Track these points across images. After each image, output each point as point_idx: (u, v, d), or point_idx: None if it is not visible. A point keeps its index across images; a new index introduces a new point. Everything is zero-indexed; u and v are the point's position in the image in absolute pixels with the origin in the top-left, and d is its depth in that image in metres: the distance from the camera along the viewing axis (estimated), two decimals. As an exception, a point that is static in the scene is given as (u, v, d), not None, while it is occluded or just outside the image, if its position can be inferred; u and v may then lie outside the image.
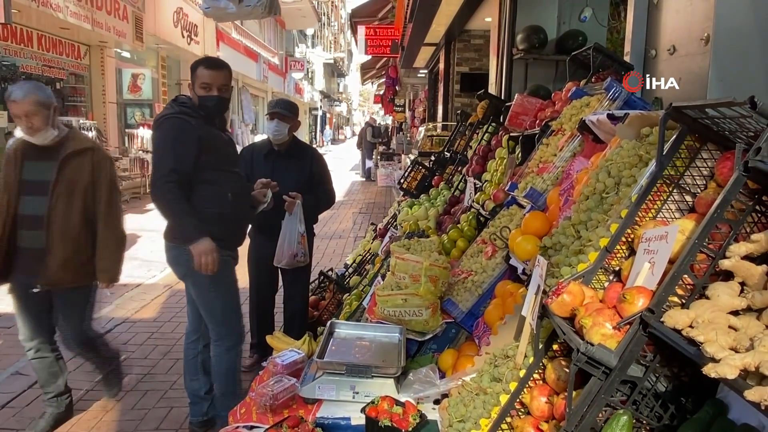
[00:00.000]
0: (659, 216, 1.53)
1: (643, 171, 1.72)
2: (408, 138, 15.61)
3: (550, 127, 2.97)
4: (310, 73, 35.15)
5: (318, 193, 3.84)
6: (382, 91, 24.45)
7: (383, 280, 3.24)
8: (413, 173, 5.96)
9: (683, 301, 1.22)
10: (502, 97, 5.09)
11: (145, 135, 12.22)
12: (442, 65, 10.83)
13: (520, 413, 1.74)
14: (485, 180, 3.91)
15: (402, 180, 6.10)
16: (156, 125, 2.88)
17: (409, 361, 2.69)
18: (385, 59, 18.65)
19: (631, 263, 1.46)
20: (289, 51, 29.67)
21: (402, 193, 6.26)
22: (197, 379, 3.09)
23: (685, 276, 1.22)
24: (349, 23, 20.06)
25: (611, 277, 1.57)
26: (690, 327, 1.09)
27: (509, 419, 1.74)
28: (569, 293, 1.45)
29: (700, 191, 1.49)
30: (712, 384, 1.26)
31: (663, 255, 1.32)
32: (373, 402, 2.20)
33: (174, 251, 2.77)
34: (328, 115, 47.93)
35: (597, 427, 1.32)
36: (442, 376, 2.52)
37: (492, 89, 5.70)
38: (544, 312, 1.59)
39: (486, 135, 4.52)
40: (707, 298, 1.16)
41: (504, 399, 1.77)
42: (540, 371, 1.71)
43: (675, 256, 1.30)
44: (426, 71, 15.12)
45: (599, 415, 1.32)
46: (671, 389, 1.31)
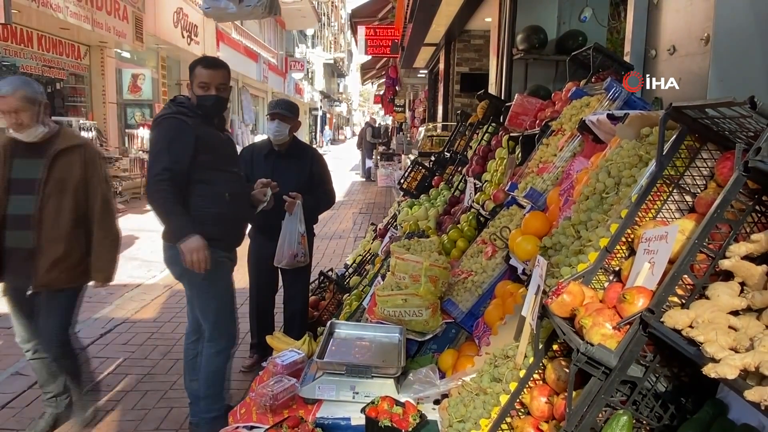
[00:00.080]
0: (659, 216, 1.53)
1: (643, 171, 1.72)
2: (408, 138, 15.60)
3: (550, 127, 2.97)
4: (310, 74, 35.15)
5: (318, 194, 3.84)
6: (382, 92, 24.45)
7: (383, 280, 3.24)
8: (413, 173, 5.96)
9: (683, 301, 1.22)
10: (502, 98, 5.09)
11: (145, 135, 12.20)
12: (442, 65, 10.83)
13: (520, 413, 1.74)
14: (485, 180, 3.91)
15: (402, 180, 6.10)
16: (153, 125, 2.90)
17: (409, 362, 2.69)
18: (385, 59, 18.65)
19: (631, 263, 1.46)
20: (289, 51, 29.67)
21: (402, 194, 6.26)
22: (197, 380, 3.08)
23: (685, 276, 1.22)
24: (349, 23, 20.06)
25: (611, 278, 1.57)
26: (690, 327, 1.09)
27: (509, 419, 1.74)
28: (569, 293, 1.45)
29: (700, 191, 1.49)
30: (712, 384, 1.26)
31: (663, 255, 1.32)
32: (373, 402, 2.20)
33: (171, 251, 2.77)
34: (328, 116, 47.94)
35: (597, 428, 1.32)
36: (442, 376, 2.52)
37: (492, 89, 5.70)
38: (544, 312, 1.59)
39: (486, 135, 4.52)
40: (707, 298, 1.16)
41: (504, 399, 1.77)
42: (540, 371, 1.71)
43: (675, 256, 1.30)
44: (426, 71, 15.11)
45: (599, 416, 1.32)
46: (671, 389, 1.31)
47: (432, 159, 6.41)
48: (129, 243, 7.83)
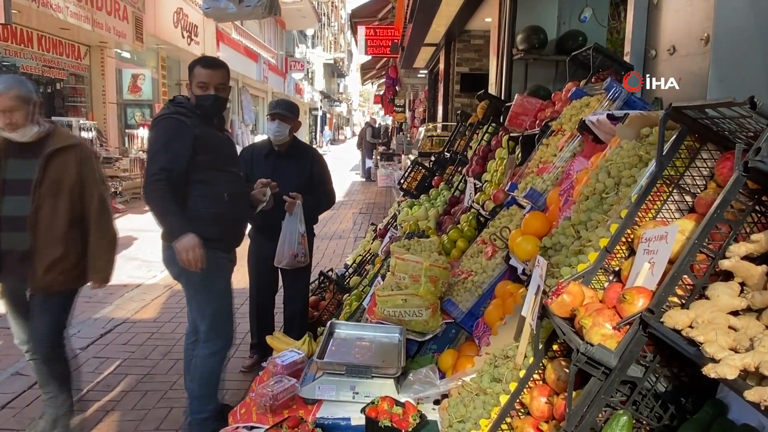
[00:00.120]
0: (659, 216, 1.53)
1: (643, 171, 1.72)
2: (408, 138, 15.59)
3: (550, 128, 2.97)
4: (310, 74, 35.14)
5: (318, 194, 3.84)
6: (382, 92, 24.45)
7: (383, 280, 3.24)
8: (413, 173, 5.96)
9: (683, 302, 1.22)
10: (502, 98, 5.09)
11: (145, 135, 12.18)
12: (442, 65, 10.82)
13: (520, 413, 1.74)
14: (485, 180, 3.91)
15: (402, 180, 6.10)
16: (152, 125, 2.90)
17: (409, 362, 2.69)
18: (385, 59, 18.64)
19: (631, 263, 1.46)
20: (289, 51, 29.67)
21: (402, 194, 6.26)
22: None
23: (685, 276, 1.22)
24: (349, 23, 20.06)
25: (611, 278, 1.57)
26: (690, 327, 1.09)
27: (509, 419, 1.74)
28: (569, 293, 1.45)
29: (699, 191, 1.49)
30: (712, 384, 1.26)
31: (663, 255, 1.32)
32: (373, 402, 2.20)
33: (169, 251, 2.77)
34: (328, 116, 47.93)
35: (597, 428, 1.32)
36: (442, 376, 2.52)
37: (492, 89, 5.70)
38: (544, 312, 1.59)
39: (486, 135, 4.52)
40: (707, 298, 1.16)
41: (504, 399, 1.77)
42: (540, 371, 1.71)
43: (675, 256, 1.30)
44: (426, 71, 15.11)
45: (599, 416, 1.32)
46: (671, 389, 1.31)
47: (432, 159, 6.41)
48: (129, 243, 7.84)
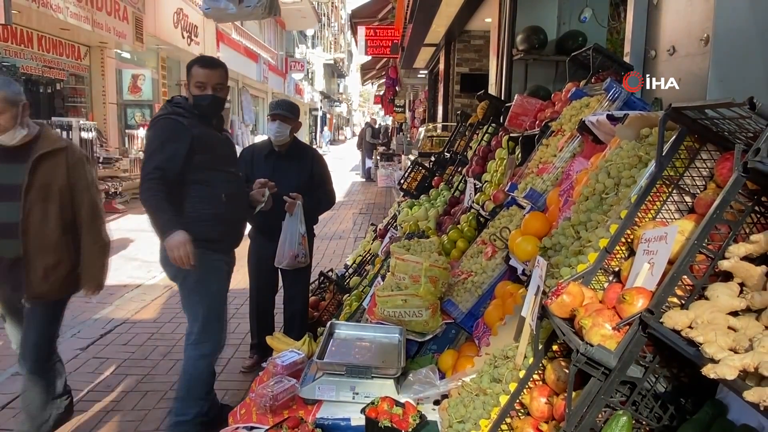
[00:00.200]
0: (659, 217, 1.53)
1: (643, 172, 1.72)
2: (408, 138, 15.60)
3: (549, 128, 2.97)
4: (310, 74, 35.15)
5: (318, 194, 3.84)
6: (382, 92, 24.46)
7: (383, 280, 3.25)
8: (413, 174, 5.97)
9: (683, 302, 1.22)
10: (502, 98, 5.09)
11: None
12: (442, 66, 10.83)
13: (519, 414, 1.74)
14: (485, 181, 3.91)
15: (402, 181, 6.11)
16: (150, 126, 2.88)
17: (409, 362, 2.70)
18: (385, 60, 18.65)
19: (631, 264, 1.46)
20: (290, 52, 29.67)
21: (402, 194, 6.26)
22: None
23: (685, 277, 1.22)
24: (349, 24, 20.07)
25: (611, 278, 1.57)
26: (689, 328, 1.10)
27: (509, 420, 1.74)
28: (569, 294, 1.45)
29: (699, 192, 1.49)
30: (711, 384, 1.26)
31: (662, 256, 1.32)
32: (373, 403, 2.21)
33: (165, 252, 2.77)
34: (328, 116, 47.93)
35: (596, 428, 1.32)
36: (441, 376, 2.52)
37: (492, 90, 5.70)
38: (543, 313, 1.59)
39: (486, 135, 4.52)
40: (706, 298, 1.16)
41: (504, 400, 1.78)
42: (540, 372, 1.71)
43: (674, 256, 1.30)
44: (426, 72, 15.12)
45: (599, 416, 1.32)
46: (671, 390, 1.32)
47: (432, 159, 6.41)
48: (129, 243, 7.84)
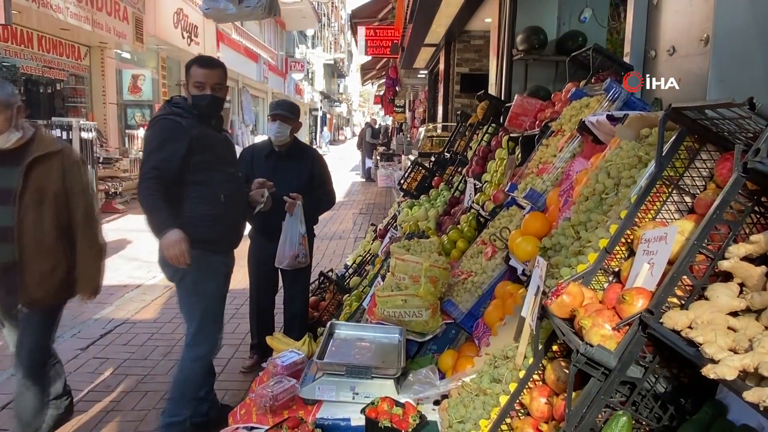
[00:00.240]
0: (658, 217, 1.53)
1: (643, 172, 1.72)
2: (408, 139, 15.60)
3: (549, 128, 2.97)
4: (310, 74, 35.15)
5: (318, 194, 3.84)
6: (382, 92, 24.46)
7: (383, 281, 3.25)
8: (413, 174, 5.96)
9: (682, 302, 1.22)
10: (502, 98, 5.09)
11: (146, 136, 12.18)
12: (442, 66, 10.83)
13: (519, 414, 1.74)
14: (485, 181, 3.91)
15: (402, 181, 6.10)
16: (148, 127, 2.88)
17: (409, 362, 2.69)
18: (385, 60, 18.65)
19: (631, 264, 1.46)
20: (290, 52, 29.67)
21: (402, 194, 6.26)
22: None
23: (685, 277, 1.22)
24: (349, 24, 20.08)
25: (611, 278, 1.57)
26: (689, 328, 1.10)
27: (509, 420, 1.74)
28: (569, 294, 1.45)
29: (699, 192, 1.49)
30: (711, 385, 1.26)
31: (662, 256, 1.32)
32: (373, 403, 2.21)
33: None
34: (328, 116, 47.93)
35: (596, 428, 1.32)
36: (441, 377, 2.52)
37: (492, 90, 5.70)
38: (543, 313, 1.59)
39: (486, 136, 4.52)
40: (706, 299, 1.16)
41: (504, 400, 1.78)
42: (539, 372, 1.71)
43: (674, 257, 1.30)
44: (426, 72, 15.11)
45: (599, 416, 1.32)
46: (670, 390, 1.32)
47: (432, 159, 6.41)
48: (129, 244, 7.84)
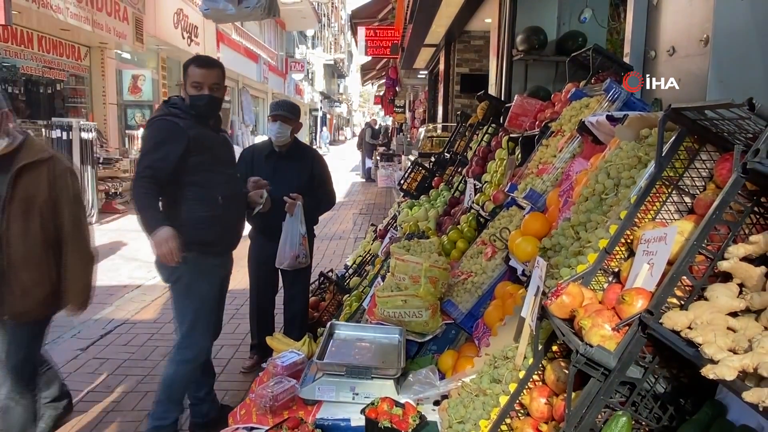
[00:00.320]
0: (658, 217, 1.53)
1: (642, 172, 1.72)
2: (408, 139, 15.60)
3: (549, 128, 2.97)
4: (310, 74, 35.15)
5: (319, 194, 3.84)
6: (382, 92, 24.47)
7: (383, 281, 3.25)
8: (413, 174, 5.97)
9: (682, 303, 1.22)
10: (502, 98, 5.09)
11: (145, 136, 12.17)
12: (442, 66, 10.83)
13: (519, 414, 1.74)
14: (485, 181, 3.91)
15: (402, 181, 6.11)
16: (146, 127, 2.89)
17: (409, 363, 2.70)
18: (385, 60, 18.66)
19: (630, 264, 1.46)
20: (290, 52, 29.66)
21: (402, 194, 6.26)
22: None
23: (684, 277, 1.22)
24: (349, 24, 20.08)
25: (610, 279, 1.57)
26: (689, 328, 1.10)
27: (509, 420, 1.74)
28: (568, 294, 1.45)
29: (699, 192, 1.49)
30: (711, 385, 1.26)
31: (662, 256, 1.32)
32: (373, 403, 2.21)
33: None
34: (328, 116, 47.94)
35: (596, 429, 1.32)
36: (441, 377, 2.52)
37: (492, 90, 5.71)
38: (543, 313, 1.59)
39: (486, 136, 4.52)
40: (706, 299, 1.16)
41: (503, 400, 1.78)
42: (539, 372, 1.71)
43: (674, 257, 1.30)
44: (426, 72, 15.12)
45: (598, 417, 1.32)
46: (670, 390, 1.32)
47: (432, 160, 6.41)
48: (129, 244, 7.84)
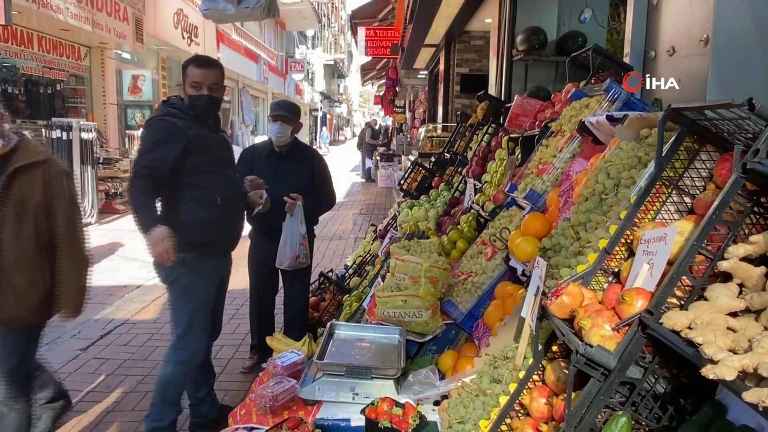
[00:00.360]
0: (658, 217, 1.53)
1: (642, 172, 1.72)
2: (408, 139, 15.60)
3: (549, 129, 2.97)
4: (310, 74, 35.15)
5: (319, 195, 3.84)
6: (382, 92, 24.47)
7: (383, 281, 3.25)
8: (413, 174, 5.97)
9: (682, 303, 1.22)
10: (502, 99, 5.09)
11: (144, 137, 12.17)
12: (442, 66, 10.83)
13: (519, 414, 1.74)
14: (485, 181, 3.91)
15: (402, 181, 6.11)
16: (144, 127, 2.89)
17: (409, 363, 2.70)
18: (386, 60, 18.66)
19: (630, 264, 1.46)
20: (290, 52, 29.66)
21: (402, 194, 6.26)
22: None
23: (684, 277, 1.22)
24: (350, 24, 20.08)
25: (610, 279, 1.57)
26: (689, 328, 1.10)
27: (509, 420, 1.74)
28: (568, 294, 1.45)
29: (698, 193, 1.49)
30: (711, 385, 1.26)
31: (662, 256, 1.32)
32: (373, 403, 2.21)
33: None
34: (328, 116, 47.94)
35: (596, 429, 1.32)
36: (441, 377, 2.52)
37: (492, 90, 5.71)
38: (543, 313, 1.59)
39: (486, 136, 4.52)
40: (706, 299, 1.16)
41: (503, 400, 1.78)
42: (539, 372, 1.71)
43: (674, 257, 1.30)
44: (426, 72, 15.12)
45: (598, 417, 1.32)
46: (670, 390, 1.32)
47: (432, 160, 6.41)
48: (129, 244, 7.85)
